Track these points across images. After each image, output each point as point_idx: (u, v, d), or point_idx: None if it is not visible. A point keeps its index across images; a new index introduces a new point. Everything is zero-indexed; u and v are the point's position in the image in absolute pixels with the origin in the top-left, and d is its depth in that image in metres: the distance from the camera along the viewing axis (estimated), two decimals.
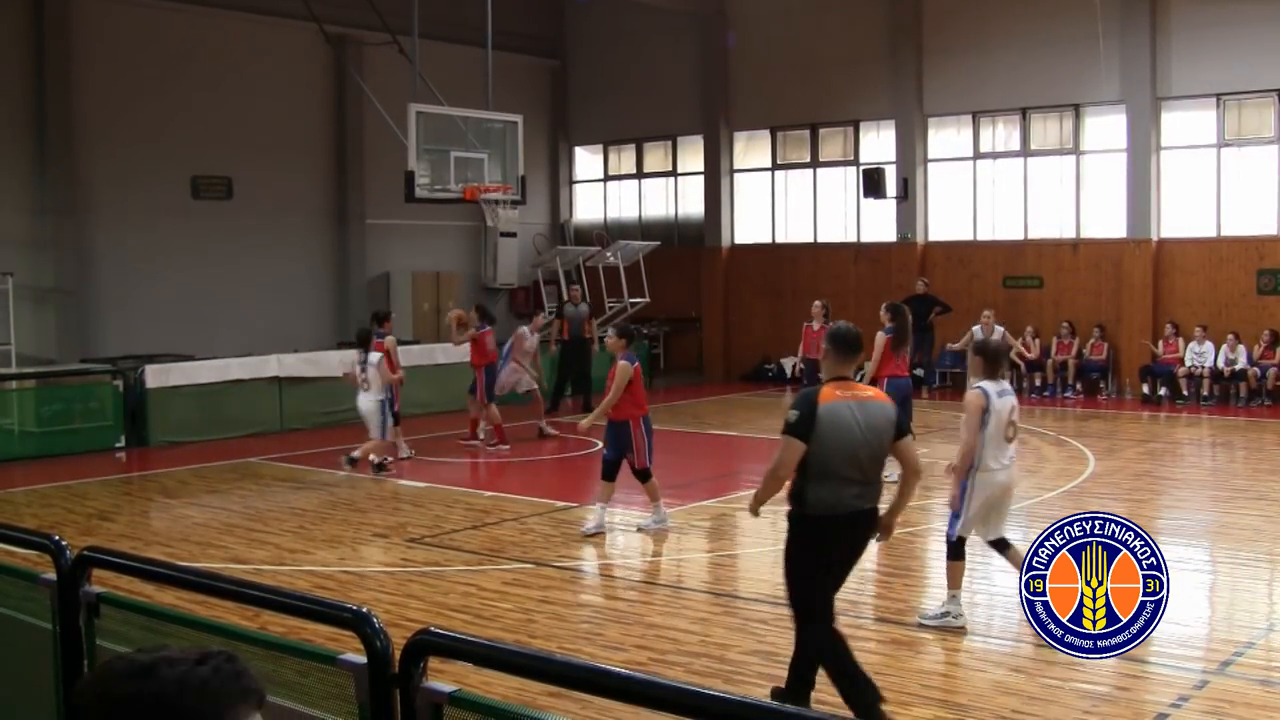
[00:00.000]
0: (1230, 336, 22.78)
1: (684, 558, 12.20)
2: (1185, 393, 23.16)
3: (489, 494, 15.13)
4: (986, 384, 9.03)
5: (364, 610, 3.84)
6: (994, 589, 10.90)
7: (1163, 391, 23.36)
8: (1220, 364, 22.79)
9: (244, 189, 25.61)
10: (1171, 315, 23.66)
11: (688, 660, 8.60)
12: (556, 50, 32.02)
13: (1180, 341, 23.30)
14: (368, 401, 15.98)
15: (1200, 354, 23.02)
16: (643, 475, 12.67)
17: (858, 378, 7.85)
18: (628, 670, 3.56)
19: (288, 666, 4.16)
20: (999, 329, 20.02)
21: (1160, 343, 23.48)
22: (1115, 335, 24.27)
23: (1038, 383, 24.30)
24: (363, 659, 3.72)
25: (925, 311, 25.29)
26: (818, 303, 19.24)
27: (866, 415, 7.20)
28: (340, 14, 25.02)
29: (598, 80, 31.42)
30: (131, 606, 5.05)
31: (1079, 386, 24.22)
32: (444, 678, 3.68)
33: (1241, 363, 22.61)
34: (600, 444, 13.76)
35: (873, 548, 12.40)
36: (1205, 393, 22.95)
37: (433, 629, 3.84)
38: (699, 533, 13.02)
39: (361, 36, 25.71)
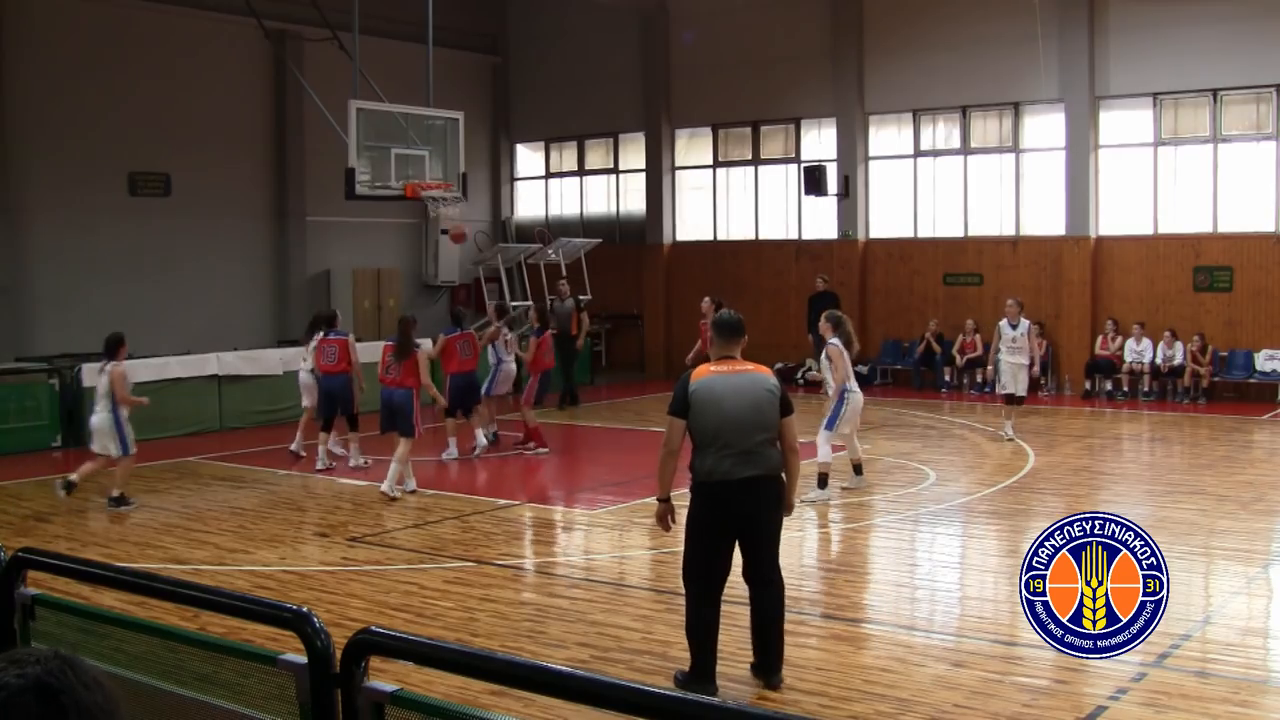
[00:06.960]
0: (1167, 333, 23.06)
1: (626, 555, 12.20)
2: (1126, 388, 23.39)
3: (430, 492, 15.06)
4: None
5: (304, 610, 3.81)
6: (935, 584, 10.99)
7: (1109, 386, 23.59)
8: (1159, 360, 23.08)
9: (182, 186, 25.30)
10: (1110, 312, 23.92)
11: (630, 657, 8.61)
12: (498, 47, 31.93)
13: (1120, 338, 23.56)
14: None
15: (1139, 351, 23.28)
16: None
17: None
18: (570, 668, 3.56)
19: (228, 667, 4.12)
20: (1025, 322, 18.74)
21: (1099, 339, 23.78)
22: (1054, 332, 24.47)
23: (979, 379, 24.38)
24: (303, 659, 3.69)
25: (827, 309, 25.29)
26: (707, 299, 20.01)
27: (738, 386, 7.76)
28: (280, 9, 24.78)
29: (539, 77, 31.36)
30: (68, 608, 4.98)
31: None
32: (385, 677, 3.65)
33: (1179, 359, 22.90)
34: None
35: (813, 542, 12.53)
36: (1146, 389, 23.24)
37: (374, 628, 3.81)
38: (641, 530, 13.01)
39: (301, 32, 25.47)
